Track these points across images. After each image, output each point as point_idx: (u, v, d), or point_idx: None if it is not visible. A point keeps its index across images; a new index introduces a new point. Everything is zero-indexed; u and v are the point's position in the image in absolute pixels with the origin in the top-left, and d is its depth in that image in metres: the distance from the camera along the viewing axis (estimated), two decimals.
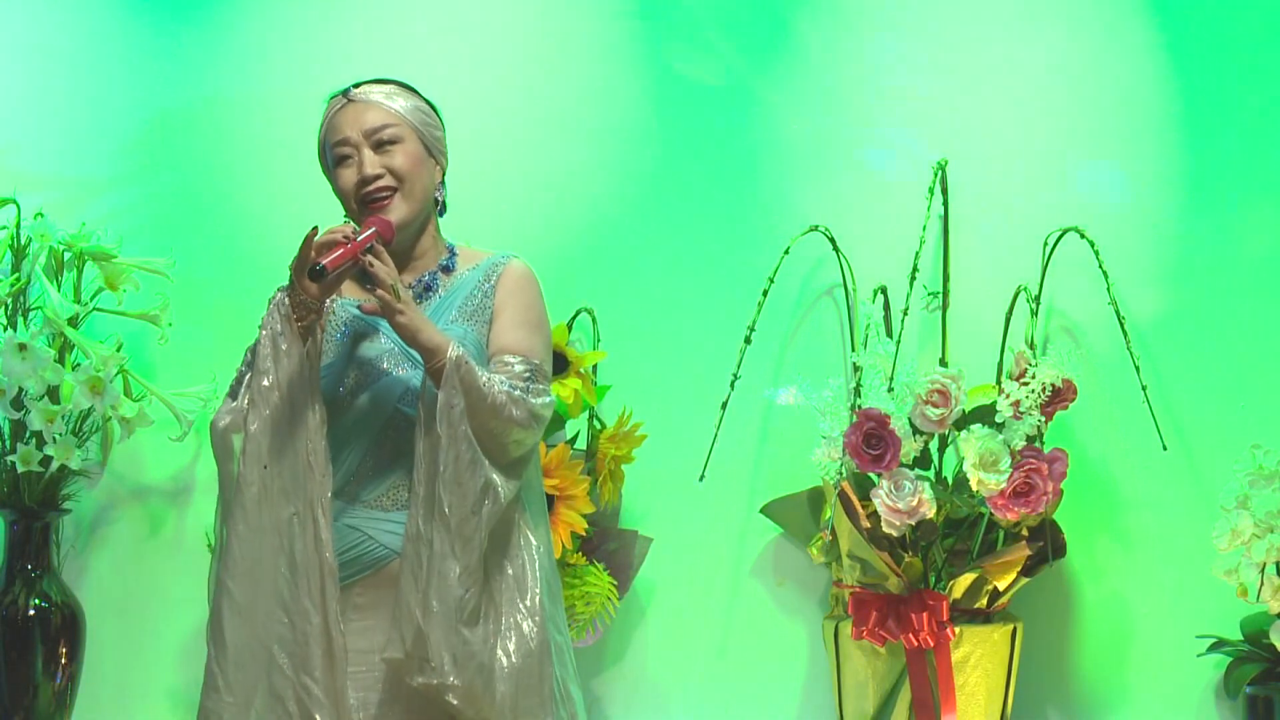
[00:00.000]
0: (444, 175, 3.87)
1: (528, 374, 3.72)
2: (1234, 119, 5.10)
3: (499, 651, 3.64)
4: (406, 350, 3.69)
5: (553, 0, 5.23)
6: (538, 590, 3.71)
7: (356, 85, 3.84)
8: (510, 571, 3.69)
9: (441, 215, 3.88)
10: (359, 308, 3.70)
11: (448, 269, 3.83)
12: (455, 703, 3.59)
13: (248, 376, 3.68)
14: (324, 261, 3.56)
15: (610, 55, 5.18)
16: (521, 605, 3.69)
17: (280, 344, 3.63)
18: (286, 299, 3.65)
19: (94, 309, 4.94)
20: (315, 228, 3.62)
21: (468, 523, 3.61)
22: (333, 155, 3.80)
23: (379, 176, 3.75)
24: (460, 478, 3.60)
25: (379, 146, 3.77)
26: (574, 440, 5.00)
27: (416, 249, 3.83)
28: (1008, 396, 4.80)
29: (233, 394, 3.71)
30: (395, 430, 3.69)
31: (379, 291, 3.60)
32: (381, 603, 3.67)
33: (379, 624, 3.66)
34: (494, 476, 3.63)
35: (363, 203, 3.76)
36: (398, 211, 3.76)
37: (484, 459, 3.62)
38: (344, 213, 3.86)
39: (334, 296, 3.78)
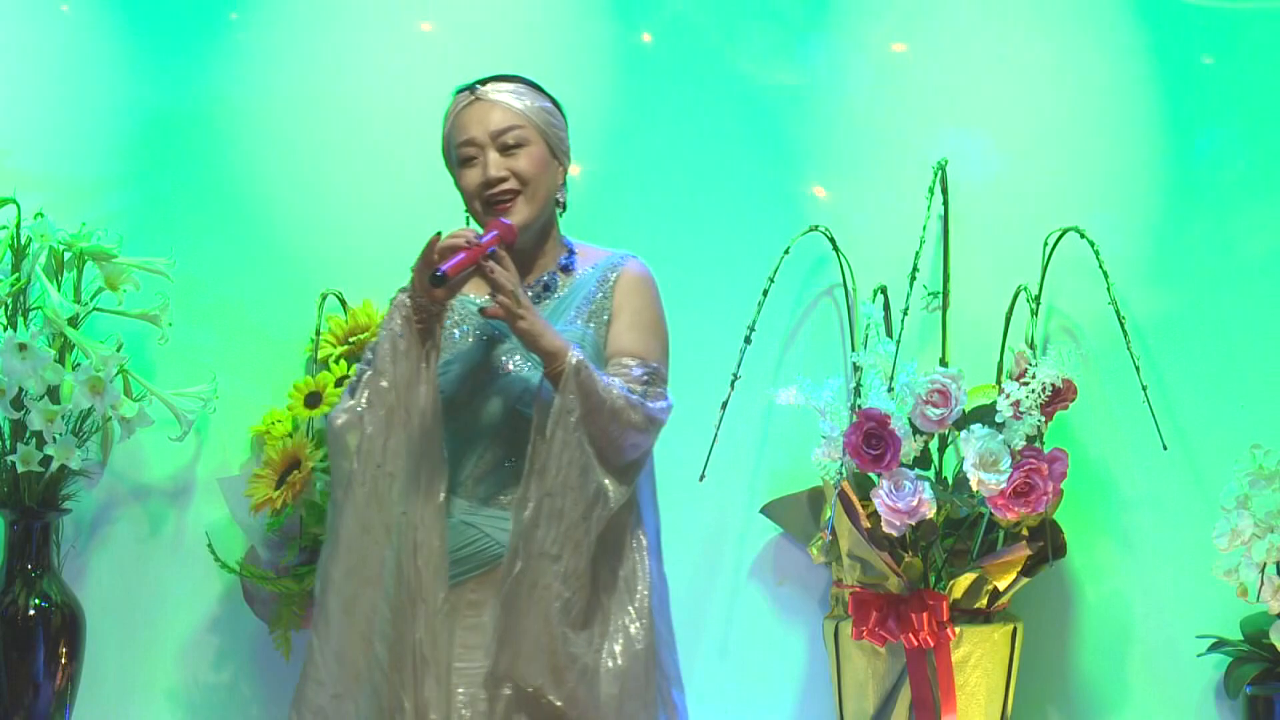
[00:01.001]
0: (566, 175, 3.85)
1: (645, 377, 3.74)
2: (1234, 119, 5.10)
3: (604, 654, 3.65)
4: (521, 353, 3.70)
5: (553, 1, 5.24)
6: (646, 592, 3.72)
7: (483, 82, 3.81)
8: (620, 574, 3.71)
9: (562, 214, 3.87)
10: (481, 311, 3.69)
11: (567, 268, 3.83)
12: (559, 704, 3.59)
13: (366, 375, 3.67)
14: (445, 267, 3.55)
15: (610, 56, 5.18)
16: (630, 607, 3.70)
17: (399, 345, 3.63)
18: (408, 300, 3.64)
19: (94, 309, 4.94)
20: (439, 232, 3.61)
21: (577, 528, 3.62)
22: (457, 154, 3.79)
23: (503, 179, 3.74)
24: (571, 482, 3.61)
25: (504, 149, 3.75)
26: None
27: (538, 249, 3.82)
28: (1008, 396, 4.81)
29: (350, 392, 3.70)
30: (514, 429, 3.70)
31: (500, 298, 3.59)
32: (494, 600, 3.67)
33: (490, 621, 3.67)
34: (605, 482, 3.65)
35: (486, 204, 3.76)
36: (520, 214, 3.75)
37: (597, 464, 3.63)
38: (465, 210, 3.84)
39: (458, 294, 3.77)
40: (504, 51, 5.20)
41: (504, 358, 3.74)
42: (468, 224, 3.85)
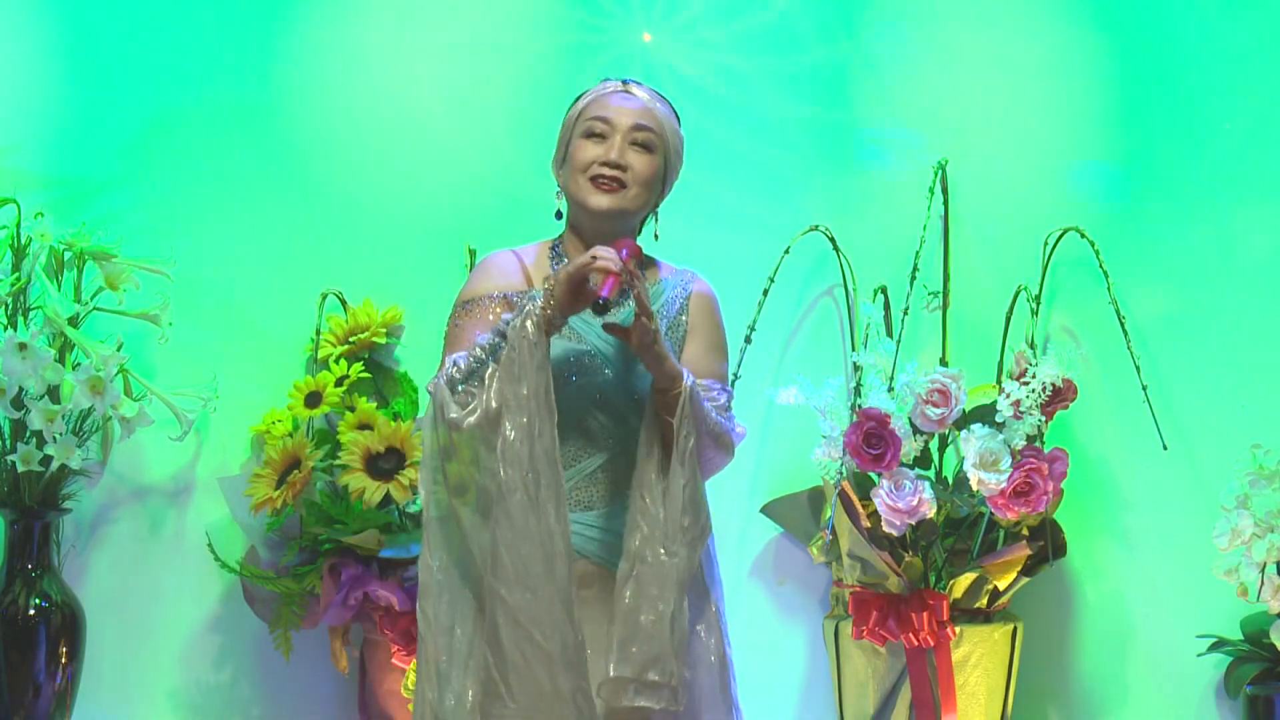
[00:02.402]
0: (658, 206, 3.86)
1: (727, 403, 3.80)
2: (1234, 119, 5.10)
3: (685, 665, 3.70)
4: (601, 355, 3.71)
5: (552, 4, 5.24)
6: (714, 609, 3.78)
7: (636, 81, 3.84)
8: (694, 588, 3.75)
9: (652, 238, 3.88)
10: (609, 328, 3.68)
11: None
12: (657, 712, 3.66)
13: (489, 375, 3.63)
14: (606, 293, 3.58)
15: (610, 57, 5.18)
16: (706, 614, 3.76)
17: (535, 354, 3.63)
18: (539, 310, 3.63)
19: (94, 309, 4.94)
20: (593, 256, 3.60)
21: (697, 548, 3.69)
22: (584, 125, 3.80)
23: (621, 167, 3.76)
24: (686, 507, 3.67)
25: (634, 143, 3.78)
26: None
27: None
28: (1008, 396, 4.81)
29: (450, 386, 3.65)
30: (584, 434, 3.72)
31: (643, 319, 3.63)
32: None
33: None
34: (708, 508, 3.72)
35: (593, 180, 3.76)
36: (613, 202, 3.75)
37: (703, 488, 3.71)
38: (558, 191, 3.82)
39: (528, 288, 3.77)
40: (503, 53, 5.20)
41: (580, 362, 3.74)
42: (556, 201, 3.84)
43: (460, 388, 3.64)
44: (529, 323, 3.61)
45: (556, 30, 5.22)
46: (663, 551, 3.64)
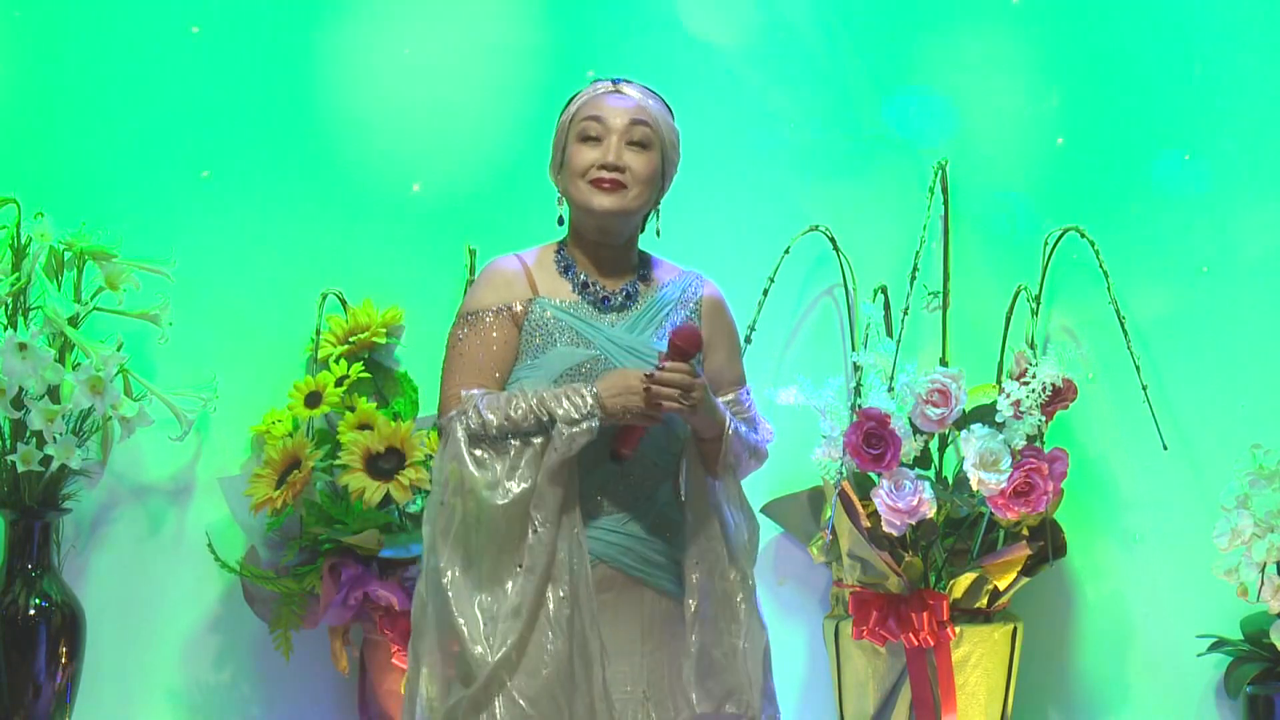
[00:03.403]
0: (659, 202, 3.87)
1: (755, 412, 3.89)
2: (1234, 119, 5.10)
3: (764, 696, 3.82)
4: (612, 359, 3.74)
5: (552, 3, 5.24)
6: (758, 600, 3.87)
7: (626, 80, 3.85)
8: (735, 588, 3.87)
9: (654, 235, 3.89)
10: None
11: (645, 279, 3.86)
12: None
13: (514, 453, 3.66)
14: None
15: (610, 56, 5.18)
16: (744, 611, 3.83)
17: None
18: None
19: (94, 309, 4.94)
20: (641, 411, 3.65)
21: (751, 566, 3.83)
22: (579, 128, 3.81)
23: (620, 168, 3.77)
24: (746, 543, 3.82)
25: (630, 143, 3.79)
26: None
27: (624, 258, 3.85)
28: (1008, 396, 4.81)
29: (476, 443, 3.67)
30: (597, 441, 3.71)
31: (683, 405, 3.66)
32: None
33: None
34: (750, 537, 3.86)
35: (592, 183, 3.76)
36: (614, 202, 3.77)
37: (744, 510, 3.84)
38: (558, 196, 3.83)
39: (533, 296, 3.78)
40: (503, 52, 5.20)
41: (590, 368, 3.74)
42: (558, 207, 3.84)
43: (481, 446, 3.67)
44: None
45: (556, 29, 5.22)
46: (727, 585, 3.77)
